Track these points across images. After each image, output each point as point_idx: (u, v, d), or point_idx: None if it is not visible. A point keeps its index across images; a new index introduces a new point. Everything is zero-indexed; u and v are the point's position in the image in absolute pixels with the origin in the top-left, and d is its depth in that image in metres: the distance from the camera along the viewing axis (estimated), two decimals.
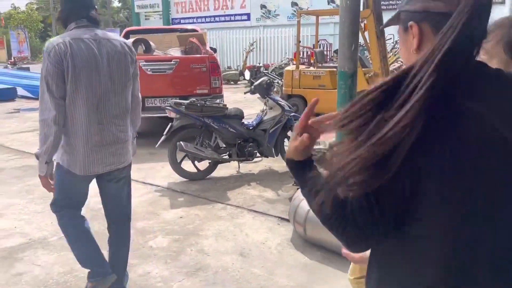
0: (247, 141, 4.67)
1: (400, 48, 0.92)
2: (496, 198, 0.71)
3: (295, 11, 20.26)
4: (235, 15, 22.18)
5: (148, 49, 6.46)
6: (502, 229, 0.72)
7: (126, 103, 2.26)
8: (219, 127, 4.49)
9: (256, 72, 14.54)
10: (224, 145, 4.65)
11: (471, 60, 0.74)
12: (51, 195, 2.32)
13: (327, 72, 7.80)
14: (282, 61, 14.55)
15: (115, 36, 2.31)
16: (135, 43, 6.41)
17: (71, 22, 2.13)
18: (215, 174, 4.69)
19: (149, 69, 5.92)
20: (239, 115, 4.66)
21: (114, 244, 2.43)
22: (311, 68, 8.15)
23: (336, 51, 11.42)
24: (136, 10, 25.64)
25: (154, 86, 5.95)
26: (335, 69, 7.94)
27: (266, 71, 12.04)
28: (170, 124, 4.49)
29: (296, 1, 20.07)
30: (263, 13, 21.23)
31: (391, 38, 12.60)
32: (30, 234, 3.31)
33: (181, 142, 4.37)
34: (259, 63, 16.54)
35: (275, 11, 20.89)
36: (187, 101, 4.45)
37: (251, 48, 16.49)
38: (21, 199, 4.04)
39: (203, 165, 4.66)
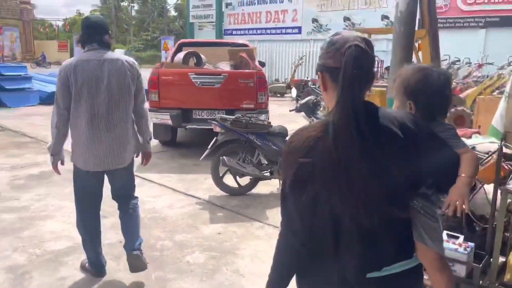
0: None
1: None
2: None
3: (347, 25, 20.09)
4: (286, 28, 22.33)
5: (199, 62, 6.63)
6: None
7: (125, 114, 2.68)
8: (262, 144, 4.49)
9: (303, 86, 14.51)
10: (266, 162, 4.65)
11: (362, 100, 1.16)
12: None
13: (376, 91, 7.61)
14: None
15: (120, 56, 2.71)
16: (187, 55, 6.60)
17: (86, 46, 2.61)
18: (255, 190, 4.69)
19: (198, 82, 6.06)
20: (283, 133, 4.65)
21: (122, 218, 2.91)
22: None
23: (387, 68, 11.14)
24: (191, 20, 26.48)
25: (202, 98, 6.08)
26: (385, 89, 7.75)
27: (314, 86, 11.98)
28: (215, 138, 4.56)
29: (348, 16, 19.89)
30: (315, 27, 21.21)
31: (446, 59, 12.16)
32: (76, 238, 3.44)
33: (224, 156, 4.42)
34: (307, 77, 16.50)
35: (326, 25, 20.80)
36: (233, 117, 4.50)
37: (300, 62, 16.48)
38: (71, 202, 4.20)
39: (244, 180, 4.68)
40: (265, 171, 4.62)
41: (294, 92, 12.21)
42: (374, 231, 1.16)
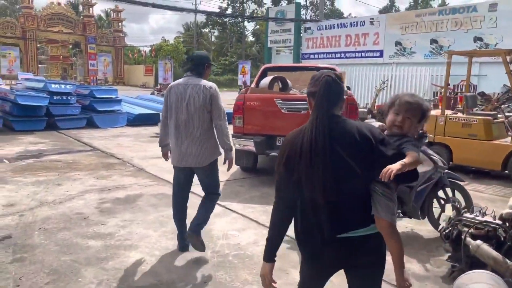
0: None
1: None
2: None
3: (434, 48, 18.91)
4: (367, 51, 21.63)
5: (285, 87, 6.38)
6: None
7: (199, 126, 3.40)
8: None
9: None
10: None
11: (331, 113, 1.75)
12: None
13: (480, 121, 6.77)
14: None
15: (200, 82, 3.43)
16: (273, 80, 6.39)
17: (185, 73, 3.55)
18: None
19: (284, 108, 5.79)
20: None
21: (199, 205, 3.69)
22: (460, 115, 7.17)
23: (481, 94, 10.02)
24: (269, 45, 26.82)
25: (288, 125, 5.75)
26: (489, 118, 6.87)
27: None
28: None
29: (436, 38, 18.71)
30: (398, 50, 20.28)
31: None
32: (159, 274, 3.24)
33: None
34: None
35: (411, 48, 19.78)
36: None
37: (383, 86, 15.65)
38: (154, 231, 4.10)
39: None
40: None
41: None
42: (338, 202, 1.72)
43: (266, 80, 6.35)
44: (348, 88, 7.01)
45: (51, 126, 10.75)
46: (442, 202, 4.23)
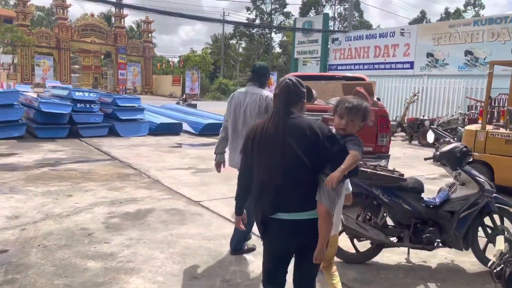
0: (425, 223, 3.59)
1: None
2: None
3: (468, 60, 18.04)
4: (397, 63, 20.92)
5: (310, 97, 5.93)
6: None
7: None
8: (391, 201, 3.54)
9: (418, 125, 13.02)
10: (394, 225, 3.67)
11: (287, 110, 2.07)
12: (190, 253, 3.73)
13: None
14: (452, 115, 12.68)
15: (259, 91, 3.69)
16: None
17: (248, 82, 3.80)
18: (377, 259, 3.71)
19: None
20: (418, 188, 3.64)
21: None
22: (503, 130, 6.53)
23: None
24: (296, 55, 26.47)
25: None
26: None
27: (435, 127, 10.52)
28: None
29: (471, 49, 17.85)
30: (429, 62, 19.49)
31: None
32: None
33: (341, 214, 3.56)
34: (423, 116, 14.87)
35: (443, 60, 18.96)
36: None
37: (414, 98, 14.97)
38: (161, 252, 3.72)
39: (363, 245, 3.73)
40: (392, 236, 3.63)
41: (431, 136, 9.45)
42: (283, 186, 2.04)
43: None
44: (378, 99, 6.50)
45: (73, 133, 10.69)
46: (489, 230, 3.68)
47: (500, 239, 3.10)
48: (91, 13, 42.03)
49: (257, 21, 55.00)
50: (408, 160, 9.56)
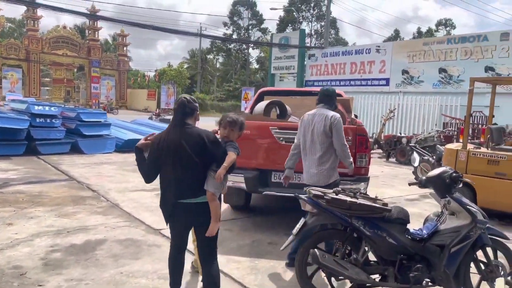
0: (412, 259, 3.14)
1: None
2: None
3: (443, 78, 18.16)
4: (373, 79, 20.92)
5: (283, 114, 5.52)
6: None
7: (320, 150, 3.87)
8: (373, 234, 3.07)
9: (395, 142, 12.80)
10: (377, 261, 3.20)
11: (183, 121, 2.76)
12: None
13: (509, 157, 5.83)
14: (429, 133, 12.52)
15: (325, 111, 3.92)
16: (269, 106, 5.54)
17: (319, 104, 4.05)
18: None
19: (281, 138, 4.89)
20: (403, 219, 3.19)
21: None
22: (485, 150, 6.24)
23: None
24: (272, 71, 26.28)
25: (286, 157, 4.85)
26: None
27: (414, 145, 10.28)
28: (302, 220, 3.24)
29: (445, 67, 17.98)
30: (405, 79, 19.55)
31: None
32: None
33: (316, 249, 3.07)
34: (400, 133, 14.71)
35: (418, 77, 19.04)
36: (331, 192, 3.17)
37: (390, 115, 14.81)
38: None
39: (343, 284, 3.24)
40: (375, 275, 3.16)
41: (416, 158, 8.08)
42: (181, 179, 2.69)
43: (262, 105, 5.47)
44: (356, 116, 6.14)
45: (32, 150, 9.91)
46: (482, 266, 3.25)
47: (499, 282, 2.68)
48: (63, 25, 40.90)
49: (234, 36, 55.01)
50: (386, 179, 9.22)
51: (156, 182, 2.89)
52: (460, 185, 3.28)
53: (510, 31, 16.45)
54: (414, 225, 4.66)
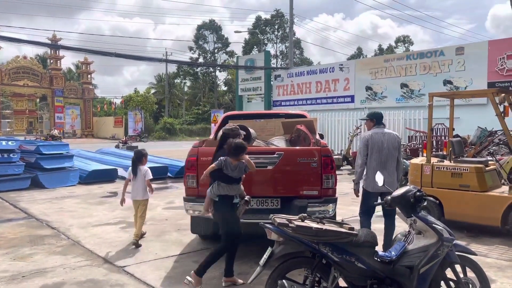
0: (382, 283, 3.07)
1: None
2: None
3: (405, 92, 18.75)
4: (338, 97, 21.37)
5: (248, 138, 5.41)
6: None
7: (393, 161, 4.81)
8: (341, 260, 2.99)
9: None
10: (347, 287, 3.11)
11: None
12: None
13: (471, 169, 5.96)
14: None
15: (388, 130, 4.96)
16: None
17: (374, 126, 4.96)
18: None
19: None
20: (371, 242, 3.14)
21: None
22: (448, 163, 6.36)
23: (455, 136, 9.30)
24: (240, 93, 26.42)
25: (251, 184, 4.77)
26: (481, 165, 6.08)
27: None
28: (269, 249, 3.12)
29: (406, 82, 18.61)
30: (369, 95, 20.08)
31: None
32: None
33: (284, 280, 2.96)
34: None
35: (382, 93, 19.62)
36: (296, 219, 3.08)
37: (357, 132, 15.06)
38: None
39: None
40: None
41: (380, 178, 8.49)
42: None
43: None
44: (321, 136, 6.15)
45: None
46: (452, 284, 3.22)
47: None
48: (23, 55, 39.90)
49: (201, 60, 55.22)
50: (357, 199, 9.23)
51: (121, 214, 2.66)
52: (425, 203, 3.27)
53: (465, 45, 17.27)
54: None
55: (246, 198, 4.18)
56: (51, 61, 41.57)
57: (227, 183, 3.94)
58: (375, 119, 4.94)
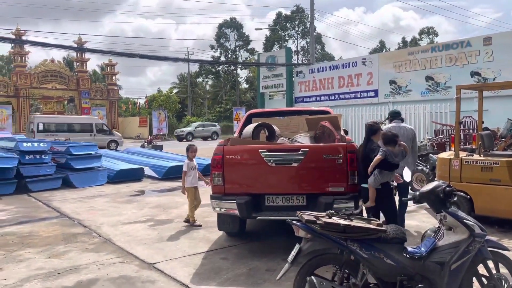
0: (412, 279, 3.04)
1: None
2: None
3: (430, 85, 18.34)
4: (361, 91, 21.10)
5: (272, 136, 5.46)
6: None
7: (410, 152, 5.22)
8: (370, 256, 2.99)
9: None
10: (377, 283, 3.10)
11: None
12: None
13: (502, 163, 5.80)
14: (421, 141, 12.51)
15: (404, 124, 5.80)
16: (257, 128, 5.49)
17: (394, 120, 5.79)
18: None
19: (271, 160, 4.82)
20: (399, 238, 3.11)
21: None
22: (477, 157, 6.21)
23: (484, 129, 9.01)
24: (262, 90, 26.44)
25: (277, 181, 4.80)
26: None
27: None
28: (297, 246, 3.14)
29: (431, 75, 18.19)
30: (393, 89, 19.73)
31: None
32: None
33: (313, 277, 2.97)
34: None
35: (406, 87, 19.24)
36: (323, 215, 3.10)
37: (381, 126, 14.81)
38: None
39: None
40: None
41: (407, 174, 7.55)
42: None
43: (249, 129, 5.42)
44: (346, 132, 6.11)
45: (22, 189, 9.74)
46: (485, 281, 3.17)
47: None
48: (51, 59, 41.10)
49: (222, 58, 55.48)
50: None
51: (149, 213, 2.71)
52: (455, 199, 3.22)
53: (492, 35, 16.74)
54: (414, 238, 4.58)
55: (394, 184, 4.78)
56: (77, 63, 42.58)
57: (390, 170, 4.42)
58: (392, 117, 5.92)
